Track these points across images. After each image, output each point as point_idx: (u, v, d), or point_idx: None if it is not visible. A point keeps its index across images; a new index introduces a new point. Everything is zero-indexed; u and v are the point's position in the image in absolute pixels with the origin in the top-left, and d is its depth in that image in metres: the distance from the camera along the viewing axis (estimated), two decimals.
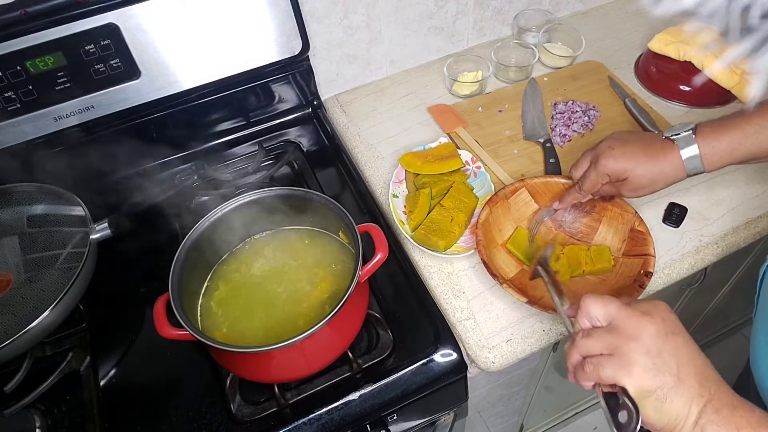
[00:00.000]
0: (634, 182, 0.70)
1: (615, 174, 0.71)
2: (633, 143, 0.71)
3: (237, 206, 0.73)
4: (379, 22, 1.00)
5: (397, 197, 0.86)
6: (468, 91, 1.04)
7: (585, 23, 1.18)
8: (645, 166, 0.69)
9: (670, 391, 0.47)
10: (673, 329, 0.49)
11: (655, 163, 0.69)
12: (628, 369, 0.47)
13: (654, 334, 0.48)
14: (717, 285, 1.21)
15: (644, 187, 0.71)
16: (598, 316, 0.52)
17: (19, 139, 0.82)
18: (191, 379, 0.72)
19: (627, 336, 0.49)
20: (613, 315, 0.51)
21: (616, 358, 0.48)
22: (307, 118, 1.04)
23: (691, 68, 0.97)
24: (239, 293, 0.73)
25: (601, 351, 0.50)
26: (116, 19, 0.77)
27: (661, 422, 0.47)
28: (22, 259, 0.75)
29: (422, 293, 0.77)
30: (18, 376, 0.70)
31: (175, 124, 0.93)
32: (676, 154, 0.68)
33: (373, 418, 0.70)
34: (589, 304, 0.52)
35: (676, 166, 0.69)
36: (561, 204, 0.79)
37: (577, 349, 0.51)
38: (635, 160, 0.69)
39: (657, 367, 0.47)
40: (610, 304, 0.51)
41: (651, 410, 0.47)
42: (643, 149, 0.70)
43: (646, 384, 0.47)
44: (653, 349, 0.48)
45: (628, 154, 0.70)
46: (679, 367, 0.47)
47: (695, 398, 0.46)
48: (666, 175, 0.70)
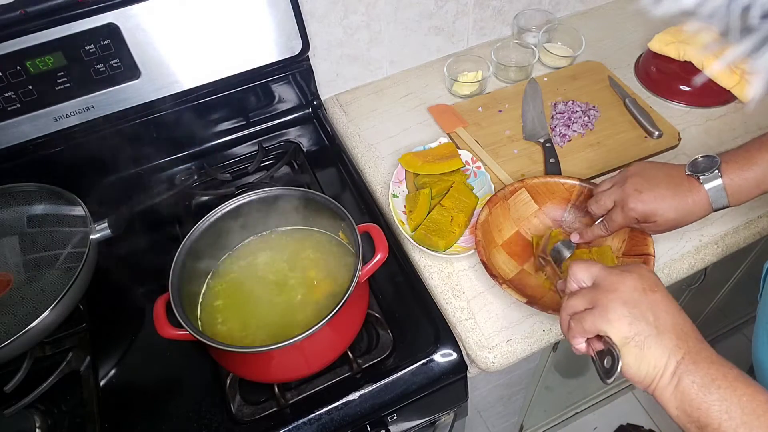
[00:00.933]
0: (664, 225, 0.70)
1: (644, 217, 0.70)
2: (660, 184, 0.69)
3: (237, 206, 0.73)
4: (379, 22, 1.00)
5: (397, 197, 0.86)
6: (468, 91, 1.04)
7: (585, 23, 1.18)
8: (674, 209, 0.68)
9: (648, 339, 0.49)
10: (651, 286, 0.52)
11: (684, 204, 0.68)
12: (606, 317, 0.51)
13: (632, 288, 0.52)
14: (717, 285, 1.21)
15: (672, 227, 0.70)
16: (584, 278, 0.56)
17: (19, 139, 0.82)
18: (191, 379, 0.72)
19: (606, 290, 0.52)
20: (596, 275, 0.55)
21: (596, 309, 0.52)
22: (307, 118, 1.04)
23: (691, 68, 0.97)
24: (239, 293, 0.73)
25: (584, 306, 0.53)
26: (116, 19, 0.77)
27: (640, 371, 0.50)
28: (22, 259, 0.75)
29: (422, 293, 0.77)
30: (18, 376, 0.70)
31: (175, 124, 0.93)
32: (702, 194, 0.67)
33: (373, 418, 0.70)
34: (575, 269, 0.57)
35: (703, 206, 0.68)
36: (583, 239, 0.77)
37: (565, 310, 0.56)
38: (664, 204, 0.68)
39: (634, 316, 0.50)
40: (594, 266, 0.55)
41: (631, 358, 0.50)
42: (670, 190, 0.68)
43: (623, 330, 0.50)
44: (630, 300, 0.51)
45: (657, 198, 0.68)
46: (657, 319, 0.50)
47: (673, 350, 0.49)
48: (693, 215, 0.69)
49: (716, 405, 0.46)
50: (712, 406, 0.46)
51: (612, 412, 1.62)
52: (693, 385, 0.47)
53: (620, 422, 1.61)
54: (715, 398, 0.46)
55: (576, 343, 0.54)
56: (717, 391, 0.46)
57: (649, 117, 0.95)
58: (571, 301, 0.55)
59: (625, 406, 1.64)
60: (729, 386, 0.46)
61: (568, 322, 0.55)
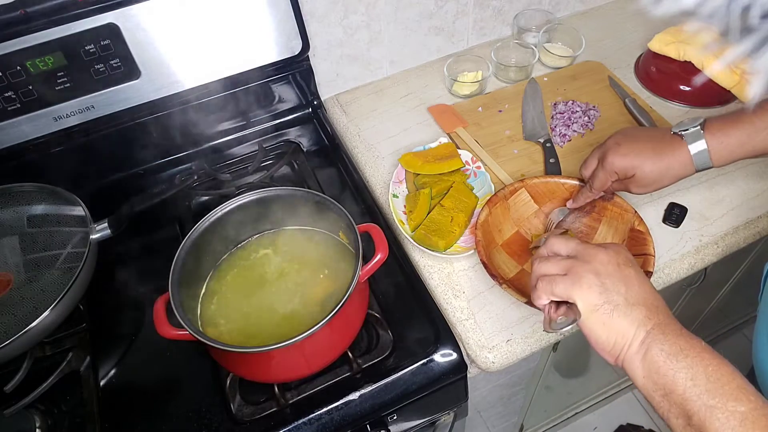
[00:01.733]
0: (642, 179, 0.70)
1: (622, 171, 0.71)
2: (640, 139, 0.71)
3: (237, 206, 0.73)
4: (379, 22, 1.00)
5: (397, 197, 0.86)
6: (468, 91, 1.04)
7: (585, 23, 1.18)
8: (652, 162, 0.69)
9: (616, 309, 0.51)
10: (624, 261, 0.54)
11: (663, 159, 0.69)
12: (578, 284, 0.52)
13: (605, 261, 0.53)
14: (717, 285, 1.21)
15: (652, 183, 0.71)
16: (560, 249, 0.57)
17: (19, 139, 0.82)
18: (191, 379, 0.72)
19: (581, 260, 0.54)
20: (573, 248, 0.56)
21: (568, 276, 0.53)
22: (307, 118, 1.04)
23: (691, 68, 0.97)
24: (239, 293, 0.73)
25: (557, 272, 0.55)
26: (116, 19, 0.77)
27: (609, 340, 0.51)
28: (22, 259, 0.75)
29: (422, 293, 0.77)
30: (18, 376, 0.70)
31: (176, 124, 0.93)
32: (684, 150, 0.68)
33: (373, 418, 0.70)
34: (552, 240, 0.58)
35: (683, 162, 0.69)
36: (574, 203, 0.79)
37: (535, 272, 0.57)
38: (642, 157, 0.69)
39: (604, 286, 0.52)
40: (571, 240, 0.57)
41: (599, 326, 0.51)
42: (650, 145, 0.70)
43: (592, 298, 0.51)
44: (603, 271, 0.52)
45: (635, 151, 0.70)
46: (628, 292, 0.51)
47: (643, 321, 0.50)
48: (673, 171, 0.70)
49: (682, 372, 0.47)
50: (678, 373, 0.47)
51: (612, 412, 1.62)
52: (661, 353, 0.48)
53: (620, 422, 1.61)
54: (682, 366, 0.47)
55: (539, 301, 0.56)
56: (684, 359, 0.47)
57: (649, 117, 0.95)
58: (544, 264, 0.56)
59: (625, 406, 1.64)
60: (696, 355, 0.47)
61: (537, 281, 0.56)
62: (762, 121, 0.66)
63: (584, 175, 0.77)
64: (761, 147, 0.67)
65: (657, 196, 0.84)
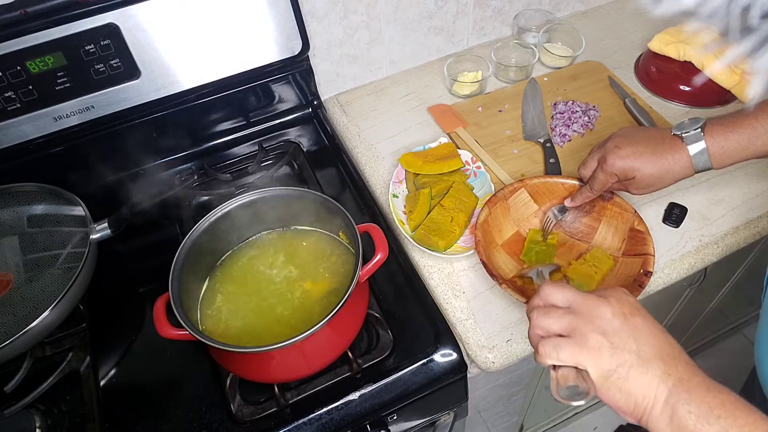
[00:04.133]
0: (642, 181, 0.70)
1: (622, 173, 0.71)
2: (640, 141, 0.71)
3: (237, 206, 0.73)
4: (379, 22, 1.00)
5: (397, 197, 0.86)
6: (468, 91, 1.04)
7: (585, 23, 1.18)
8: (652, 164, 0.69)
9: (631, 370, 0.46)
10: (630, 311, 0.49)
11: (662, 161, 0.69)
12: (585, 348, 0.47)
13: (610, 316, 0.48)
14: (717, 285, 1.21)
15: (652, 185, 0.71)
16: (557, 301, 0.52)
17: (19, 139, 0.82)
18: (191, 379, 0.72)
19: (584, 318, 0.49)
20: (571, 299, 0.51)
21: (573, 339, 0.48)
22: (307, 118, 1.04)
23: (691, 68, 0.97)
24: (239, 293, 0.73)
25: (559, 331, 0.50)
26: (116, 19, 0.77)
27: (628, 404, 0.47)
28: (22, 259, 0.75)
29: (422, 293, 0.77)
30: (18, 376, 0.70)
31: (175, 124, 0.93)
32: (683, 152, 0.68)
33: (373, 418, 0.70)
34: (547, 290, 0.53)
35: (683, 164, 0.69)
36: (572, 203, 0.79)
37: (534, 327, 0.51)
38: (642, 159, 0.69)
39: (614, 346, 0.47)
40: (566, 288, 0.52)
41: (615, 391, 0.47)
42: (650, 147, 0.70)
43: (604, 363, 0.47)
44: (609, 329, 0.48)
45: (635, 153, 0.70)
46: (640, 347, 0.47)
47: (662, 377, 0.46)
48: (673, 173, 0.69)
49: None
50: None
51: (612, 412, 1.60)
52: (690, 416, 0.43)
53: (620, 422, 1.61)
54: (715, 429, 0.43)
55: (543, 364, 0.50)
56: (717, 421, 0.43)
57: (649, 117, 0.95)
58: (545, 320, 0.51)
59: None
60: (729, 415, 0.43)
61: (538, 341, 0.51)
62: (762, 125, 0.65)
63: (583, 176, 0.77)
64: (761, 150, 0.66)
65: (657, 196, 0.84)
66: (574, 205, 0.79)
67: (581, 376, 0.47)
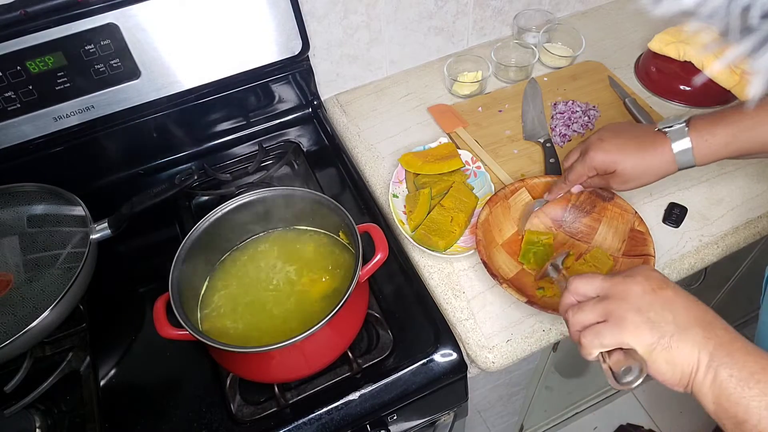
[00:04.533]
0: (622, 175, 0.70)
1: (602, 167, 0.70)
2: (624, 135, 0.70)
3: (237, 206, 0.73)
4: (379, 22, 1.00)
5: (397, 197, 0.86)
6: (468, 91, 1.04)
7: (585, 23, 1.18)
8: (633, 158, 0.68)
9: (673, 339, 0.47)
10: (659, 285, 0.50)
11: (644, 155, 0.68)
12: (625, 328, 0.48)
13: (640, 292, 0.50)
14: (717, 285, 1.21)
15: (632, 180, 0.70)
16: (587, 292, 0.54)
17: (19, 139, 0.82)
18: (191, 379, 0.72)
19: (616, 301, 0.50)
20: (599, 286, 0.53)
21: (611, 322, 0.50)
22: (307, 118, 1.04)
23: (691, 68, 0.97)
24: (239, 293, 0.73)
25: (596, 319, 0.51)
26: (116, 19, 0.77)
27: (675, 374, 0.48)
28: (22, 259, 0.75)
29: (422, 293, 0.77)
30: (18, 376, 0.70)
31: (175, 124, 0.93)
32: (666, 147, 0.67)
33: (373, 418, 0.70)
34: (576, 284, 0.54)
35: (665, 160, 0.68)
36: (550, 195, 0.79)
37: (573, 325, 0.53)
38: (623, 153, 0.69)
39: (651, 321, 0.48)
40: (595, 278, 0.54)
41: (662, 363, 0.47)
42: (633, 142, 0.69)
43: (646, 338, 0.48)
44: (643, 305, 0.49)
45: (617, 147, 0.69)
46: (676, 317, 0.48)
47: (702, 342, 0.46)
48: (655, 169, 0.69)
49: (756, 400, 0.43)
50: (752, 402, 0.43)
51: (612, 412, 1.62)
52: (731, 379, 0.44)
53: (620, 422, 1.61)
54: (754, 393, 0.43)
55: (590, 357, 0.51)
56: (756, 385, 0.44)
57: (649, 117, 0.95)
58: (580, 315, 0.52)
59: (625, 406, 1.64)
60: None
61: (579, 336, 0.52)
62: (747, 121, 0.64)
63: (564, 167, 0.76)
64: (746, 147, 0.65)
65: (657, 196, 0.84)
66: (551, 198, 0.79)
67: (630, 356, 0.48)
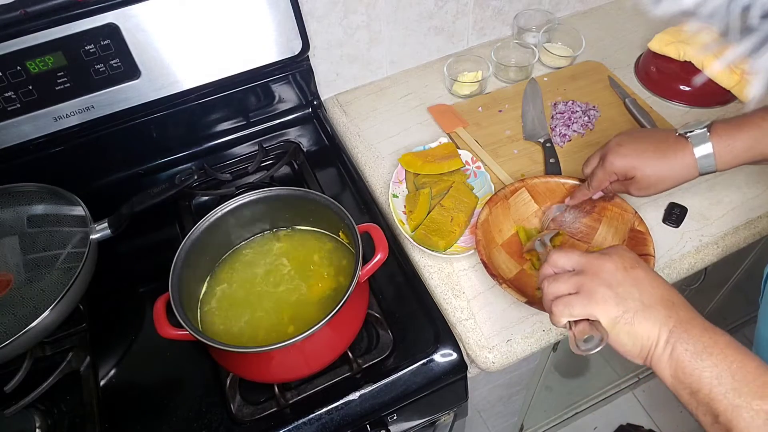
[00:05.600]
0: (643, 181, 0.69)
1: (622, 172, 0.70)
2: (643, 141, 0.70)
3: (237, 206, 0.73)
4: (379, 22, 1.00)
5: (397, 197, 0.86)
6: (468, 91, 1.04)
7: (585, 23, 1.18)
8: (654, 164, 0.68)
9: (636, 315, 0.51)
10: (631, 264, 0.54)
11: (665, 161, 0.68)
12: (594, 300, 0.52)
13: (613, 269, 0.53)
14: (717, 285, 1.21)
15: (653, 185, 0.70)
16: (564, 265, 0.57)
17: (19, 139, 0.82)
18: (191, 379, 0.72)
19: (590, 275, 0.54)
20: (576, 261, 0.56)
21: (582, 294, 0.53)
22: (307, 118, 1.04)
23: (691, 68, 0.97)
24: (239, 293, 0.73)
25: (568, 291, 0.55)
26: (116, 19, 0.77)
27: (635, 346, 0.51)
28: (22, 259, 0.75)
29: (422, 293, 0.77)
30: (18, 376, 0.70)
31: (175, 124, 0.93)
32: (688, 153, 0.67)
33: (373, 418, 0.70)
34: (555, 257, 0.58)
35: (687, 165, 0.67)
36: (572, 200, 0.79)
37: (547, 294, 0.56)
38: (643, 159, 0.68)
39: (619, 295, 0.52)
40: (573, 253, 0.57)
41: (624, 336, 0.51)
42: (653, 147, 0.69)
43: (611, 311, 0.51)
44: (613, 281, 0.53)
45: (637, 152, 0.69)
46: (642, 295, 0.52)
47: (663, 320, 0.50)
48: (676, 174, 0.68)
49: (708, 371, 0.47)
50: (704, 372, 0.47)
51: (612, 412, 1.62)
52: (686, 353, 0.48)
53: (620, 422, 1.61)
54: (707, 365, 0.47)
55: (559, 324, 0.55)
56: (708, 358, 0.47)
57: (649, 117, 0.95)
58: (554, 285, 0.56)
59: (625, 406, 1.64)
60: (720, 353, 0.47)
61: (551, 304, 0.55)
62: None
63: (585, 173, 0.76)
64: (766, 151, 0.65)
65: (657, 196, 0.84)
66: (573, 203, 0.79)
67: (594, 326, 0.52)
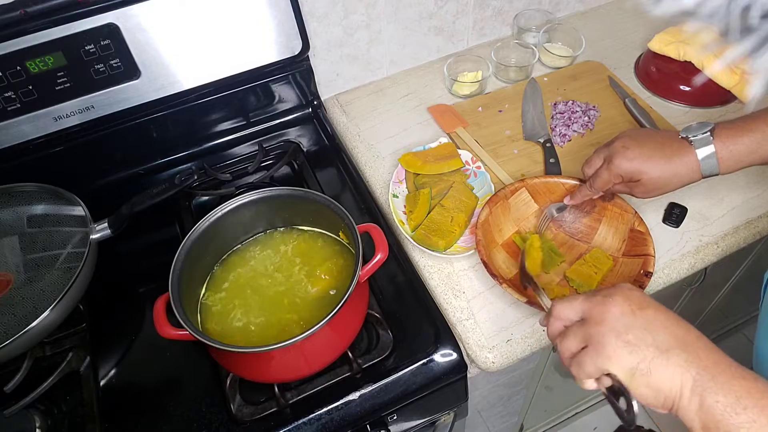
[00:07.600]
0: (648, 184, 0.69)
1: (628, 175, 0.70)
2: (648, 144, 0.69)
3: (237, 206, 0.73)
4: (379, 22, 1.00)
5: (397, 197, 0.86)
6: (468, 91, 1.04)
7: (585, 23, 1.18)
8: (660, 168, 0.68)
9: (653, 363, 0.46)
10: (639, 304, 0.49)
11: (670, 164, 0.68)
12: (604, 354, 0.47)
13: (619, 314, 0.48)
14: (717, 285, 1.21)
15: (657, 188, 0.70)
16: (569, 316, 0.53)
17: (19, 139, 0.82)
18: (191, 379, 0.72)
19: (595, 324, 0.49)
20: (579, 308, 0.52)
21: (590, 348, 0.48)
22: (307, 118, 1.04)
23: (691, 68, 0.97)
24: (239, 293, 0.73)
25: (579, 346, 0.50)
26: (116, 19, 0.77)
27: (658, 399, 0.47)
28: (22, 259, 0.75)
29: (422, 293, 0.77)
30: (18, 376, 0.70)
31: (175, 124, 0.93)
32: (692, 156, 0.67)
33: (373, 418, 0.70)
34: (557, 309, 0.53)
35: (691, 168, 0.67)
36: (572, 200, 0.78)
37: (562, 353, 0.52)
38: (650, 162, 0.68)
39: (630, 343, 0.47)
40: (575, 300, 0.52)
41: (643, 388, 0.47)
42: (658, 151, 0.68)
43: (625, 362, 0.46)
44: (621, 328, 0.47)
45: (643, 156, 0.68)
46: (656, 338, 0.47)
47: (684, 365, 0.45)
48: (680, 177, 0.68)
49: (745, 427, 0.43)
50: (740, 429, 0.43)
51: (612, 412, 1.62)
52: (717, 405, 0.43)
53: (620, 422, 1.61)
54: (743, 420, 0.43)
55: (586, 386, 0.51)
56: (744, 412, 0.43)
57: (649, 117, 0.95)
58: (565, 344, 0.51)
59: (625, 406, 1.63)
60: (755, 405, 0.43)
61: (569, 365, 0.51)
62: None
63: (586, 174, 0.76)
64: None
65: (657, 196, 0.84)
66: (573, 203, 0.78)
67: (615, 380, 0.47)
